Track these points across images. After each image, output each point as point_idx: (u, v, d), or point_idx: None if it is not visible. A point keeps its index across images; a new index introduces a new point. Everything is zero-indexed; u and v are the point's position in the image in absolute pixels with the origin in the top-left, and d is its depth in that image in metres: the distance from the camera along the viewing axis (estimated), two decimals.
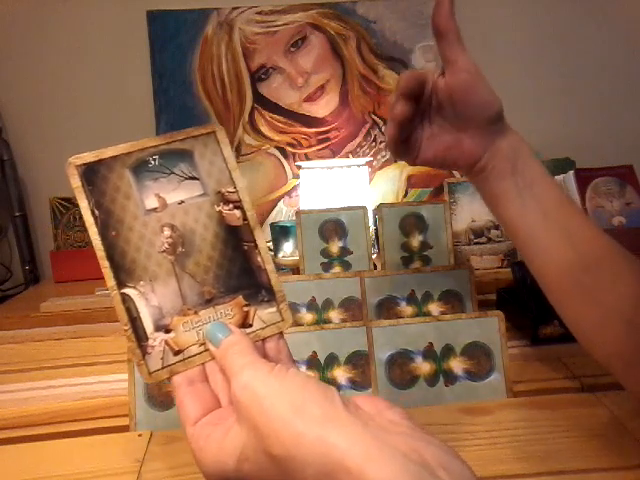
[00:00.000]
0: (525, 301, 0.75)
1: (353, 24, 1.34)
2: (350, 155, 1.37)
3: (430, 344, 0.61)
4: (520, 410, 0.58)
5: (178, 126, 1.33)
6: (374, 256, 0.95)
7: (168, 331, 0.35)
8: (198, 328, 0.35)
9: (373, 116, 1.37)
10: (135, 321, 0.34)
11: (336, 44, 1.35)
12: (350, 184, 1.11)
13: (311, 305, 0.76)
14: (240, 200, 0.37)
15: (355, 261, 0.84)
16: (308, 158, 1.36)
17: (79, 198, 0.35)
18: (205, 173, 0.37)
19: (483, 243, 0.98)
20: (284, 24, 1.33)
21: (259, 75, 1.34)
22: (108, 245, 0.35)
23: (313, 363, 0.61)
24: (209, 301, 0.36)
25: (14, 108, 1.35)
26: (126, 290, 0.35)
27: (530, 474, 0.47)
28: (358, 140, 1.37)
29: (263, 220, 1.34)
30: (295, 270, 0.95)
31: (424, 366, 0.61)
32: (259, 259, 0.37)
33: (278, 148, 1.36)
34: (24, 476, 0.51)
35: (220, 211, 0.37)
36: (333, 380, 0.61)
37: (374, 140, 1.37)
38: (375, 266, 0.90)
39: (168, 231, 0.36)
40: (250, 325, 0.36)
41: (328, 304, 0.76)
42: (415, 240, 0.83)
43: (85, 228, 0.35)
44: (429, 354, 0.61)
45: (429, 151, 0.54)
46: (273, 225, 1.02)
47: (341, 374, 0.61)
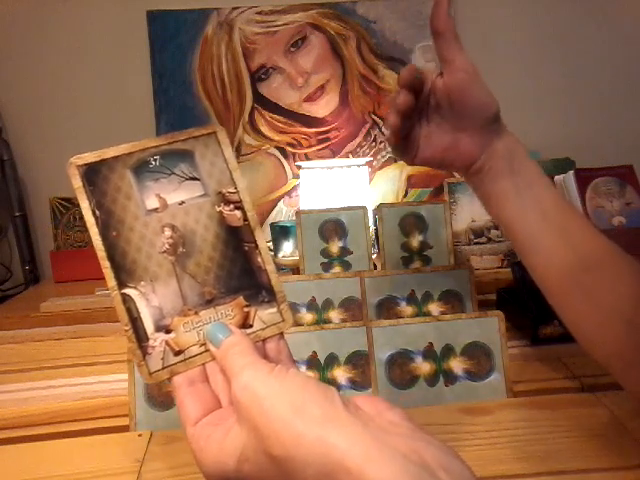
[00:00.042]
0: (525, 301, 0.75)
1: (353, 24, 1.34)
2: (350, 155, 1.37)
3: (430, 344, 0.61)
4: (520, 410, 0.58)
5: (178, 126, 1.34)
6: (374, 256, 0.95)
7: (169, 331, 0.35)
8: (199, 328, 0.35)
9: (373, 116, 1.37)
10: (136, 321, 0.35)
11: (336, 44, 1.35)
12: (350, 184, 1.11)
13: (311, 305, 0.76)
14: (241, 201, 0.37)
15: (355, 261, 0.84)
16: (308, 158, 1.36)
17: (80, 198, 0.35)
18: (206, 174, 0.37)
19: (483, 243, 0.99)
20: (284, 24, 1.33)
21: (259, 75, 1.34)
22: (109, 245, 0.35)
23: (313, 363, 0.61)
24: (210, 302, 0.36)
25: (14, 108, 1.35)
26: (127, 290, 0.35)
27: (530, 474, 0.48)
28: (358, 140, 1.37)
29: (263, 220, 1.34)
30: (295, 270, 0.95)
31: (424, 366, 0.61)
32: (259, 260, 0.37)
33: (278, 148, 1.36)
34: (24, 476, 0.51)
35: (221, 212, 0.37)
36: (333, 380, 0.61)
37: (374, 140, 1.37)
38: (375, 266, 0.90)
39: (169, 231, 0.36)
40: (250, 326, 0.36)
41: (328, 304, 0.76)
42: (415, 240, 0.83)
43: (86, 228, 0.35)
44: (429, 354, 0.61)
45: (427, 151, 0.55)
46: (273, 225, 1.02)
47: (341, 374, 0.61)
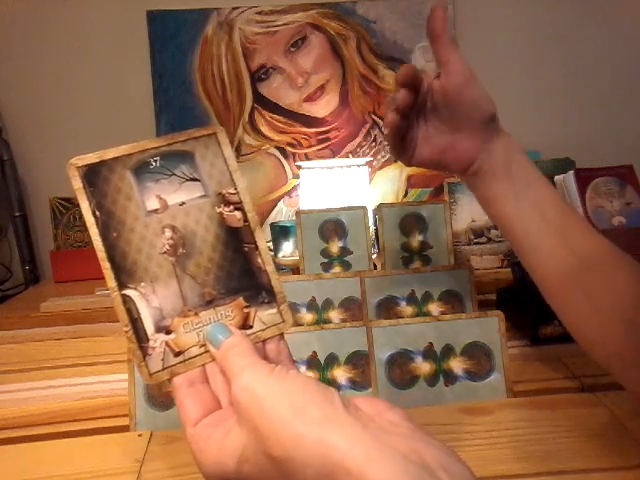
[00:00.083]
0: (525, 301, 0.75)
1: (353, 24, 1.34)
2: (350, 155, 1.37)
3: (430, 344, 0.61)
4: (520, 410, 0.58)
5: (178, 126, 1.34)
6: (374, 256, 0.95)
7: (169, 332, 0.35)
8: (199, 329, 0.35)
9: (373, 116, 1.37)
10: (136, 322, 0.35)
11: (336, 44, 1.34)
12: (350, 184, 1.11)
13: (311, 305, 0.76)
14: (241, 201, 0.37)
15: (355, 261, 0.84)
16: (308, 158, 1.36)
17: (80, 199, 0.35)
18: (206, 174, 0.37)
19: (483, 243, 0.99)
20: (284, 24, 1.33)
21: (259, 75, 1.34)
22: (109, 246, 0.35)
23: (313, 363, 0.61)
24: (210, 302, 0.36)
25: (14, 108, 1.35)
26: (127, 291, 0.35)
27: (530, 474, 0.48)
28: (358, 140, 1.37)
29: (263, 220, 1.34)
30: (295, 270, 0.95)
31: (424, 366, 0.61)
32: (259, 260, 0.37)
33: (278, 148, 1.36)
34: (24, 476, 0.51)
35: (221, 212, 0.37)
36: (333, 380, 0.61)
37: (374, 140, 1.37)
38: (375, 266, 0.90)
39: (169, 232, 0.36)
40: (250, 326, 0.36)
41: (328, 304, 0.76)
42: (415, 240, 0.83)
43: (86, 229, 0.35)
44: (429, 354, 0.61)
45: (424, 152, 0.55)
46: (273, 225, 1.02)
47: (341, 374, 0.61)
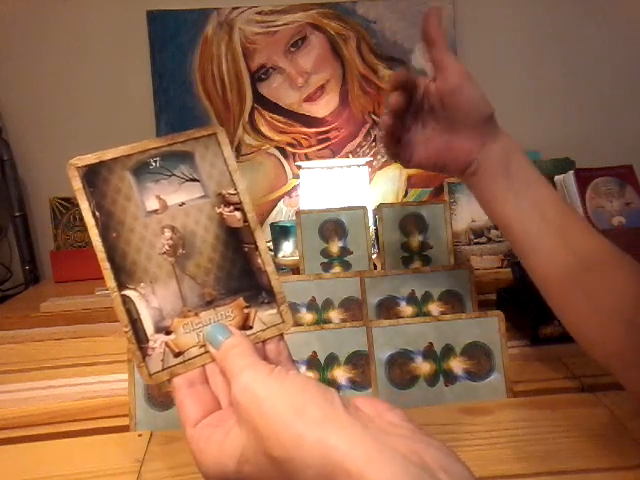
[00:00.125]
0: (525, 301, 0.75)
1: (353, 24, 1.34)
2: (350, 155, 1.37)
3: (430, 344, 0.61)
4: (520, 410, 0.58)
5: (178, 126, 1.34)
6: (374, 256, 0.95)
7: (168, 333, 0.35)
8: (198, 330, 0.35)
9: (373, 116, 1.37)
10: (135, 323, 0.35)
11: (336, 44, 1.34)
12: (350, 184, 1.11)
13: (311, 305, 0.76)
14: (241, 202, 0.37)
15: (355, 261, 0.84)
16: (308, 158, 1.36)
17: (80, 200, 0.35)
18: (206, 175, 0.37)
19: (483, 243, 0.99)
20: (284, 24, 1.33)
21: (259, 75, 1.34)
22: (109, 247, 0.35)
23: (313, 363, 0.61)
24: (209, 303, 0.36)
25: (14, 108, 1.35)
26: (126, 292, 0.35)
27: (530, 474, 0.48)
28: (358, 140, 1.37)
29: (263, 220, 1.34)
30: (295, 270, 0.95)
31: (424, 366, 0.61)
32: (259, 261, 0.37)
33: (278, 148, 1.36)
34: (24, 476, 0.51)
35: (221, 213, 0.37)
36: (333, 380, 0.61)
37: (374, 140, 1.37)
38: (375, 266, 0.90)
39: (169, 233, 0.36)
40: (250, 327, 0.36)
41: (328, 304, 0.76)
42: (415, 240, 0.83)
43: (86, 229, 0.35)
44: (429, 354, 0.61)
45: (422, 153, 0.56)
46: (273, 225, 1.02)
47: (341, 374, 0.61)
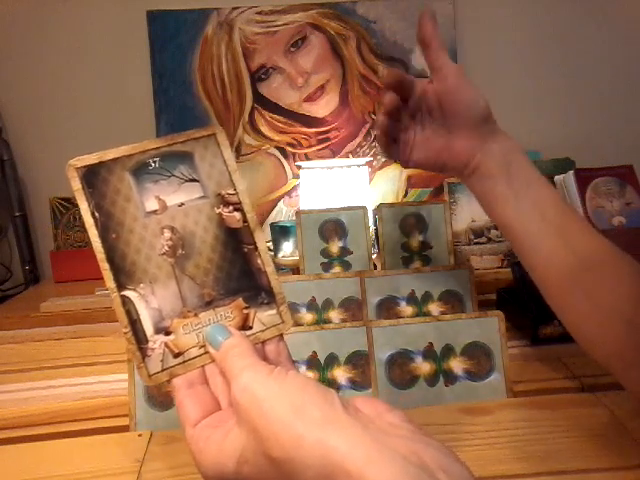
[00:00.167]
0: (525, 301, 0.75)
1: (353, 24, 1.34)
2: (350, 155, 1.37)
3: (430, 344, 0.61)
4: (520, 410, 0.58)
5: (178, 126, 1.34)
6: (374, 256, 0.95)
7: (168, 333, 0.35)
8: (198, 330, 0.35)
9: (373, 116, 1.36)
10: (135, 323, 0.35)
11: (336, 44, 1.34)
12: (350, 184, 1.11)
13: (311, 305, 0.76)
14: (240, 202, 0.37)
15: (355, 261, 0.84)
16: (308, 158, 1.36)
17: (79, 200, 0.35)
18: (205, 175, 0.37)
19: (483, 243, 0.98)
20: (284, 24, 1.33)
21: (259, 75, 1.34)
22: (108, 247, 0.35)
23: (313, 363, 0.61)
24: (209, 303, 0.36)
25: (14, 108, 1.34)
26: (126, 292, 0.35)
27: (530, 474, 0.47)
28: (358, 140, 1.37)
29: (263, 220, 1.34)
30: (295, 270, 0.95)
31: (424, 366, 0.61)
32: (259, 261, 0.37)
33: (278, 148, 1.36)
34: (24, 476, 0.51)
35: (220, 213, 0.37)
36: (333, 380, 0.61)
37: (374, 140, 1.37)
38: (375, 266, 0.90)
39: (168, 233, 0.36)
40: (250, 327, 0.36)
41: (328, 304, 0.76)
42: (415, 240, 0.83)
43: (85, 230, 0.35)
44: (429, 354, 0.61)
45: (421, 154, 0.57)
46: (273, 225, 1.02)
47: (341, 374, 0.61)
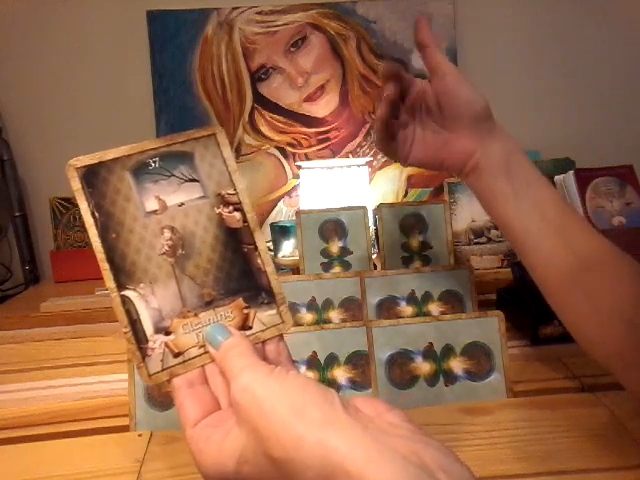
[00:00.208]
0: (525, 301, 0.75)
1: (353, 24, 1.34)
2: (350, 155, 1.37)
3: (430, 344, 0.61)
4: (520, 410, 0.58)
5: (178, 126, 1.34)
6: (374, 256, 0.95)
7: (168, 333, 0.35)
8: (198, 330, 0.35)
9: (373, 116, 1.36)
10: (135, 323, 0.35)
11: (336, 44, 1.34)
12: (350, 184, 1.11)
13: (311, 305, 0.76)
14: (240, 202, 0.37)
15: (355, 261, 0.84)
16: (308, 158, 1.36)
17: (79, 200, 0.35)
18: (205, 175, 0.37)
19: (483, 243, 0.98)
20: (284, 24, 1.33)
21: (259, 75, 1.34)
22: (108, 247, 0.35)
23: (313, 363, 0.61)
24: (209, 303, 0.36)
25: (14, 108, 1.35)
26: (126, 292, 0.35)
27: (530, 474, 0.47)
28: (358, 140, 1.37)
29: (263, 220, 1.34)
30: (295, 270, 0.95)
31: (424, 366, 0.61)
32: (259, 261, 0.37)
33: (278, 148, 1.36)
34: (24, 476, 0.51)
35: (220, 213, 0.37)
36: (333, 380, 0.61)
37: (374, 140, 1.37)
38: (375, 266, 0.90)
39: (168, 233, 0.36)
40: (250, 327, 0.36)
41: (328, 304, 0.76)
42: (415, 240, 0.83)
43: (85, 230, 0.35)
44: (429, 354, 0.61)
45: (419, 152, 0.58)
46: (273, 225, 1.02)
47: (341, 374, 0.61)
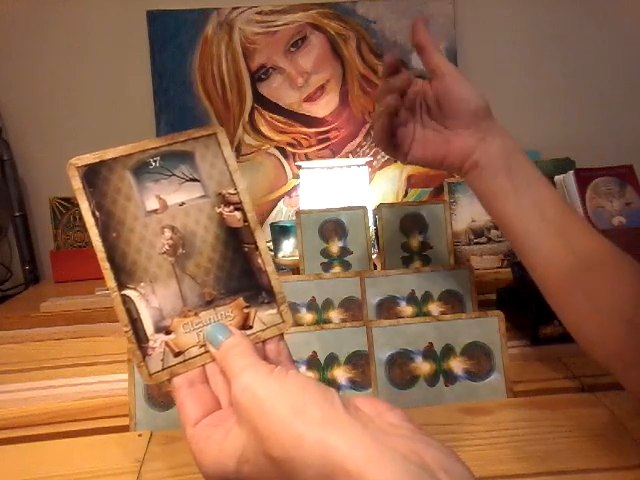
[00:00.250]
0: (525, 301, 0.75)
1: (353, 24, 1.34)
2: (350, 155, 1.37)
3: (430, 344, 0.61)
4: (520, 410, 0.58)
5: (178, 126, 1.34)
6: (374, 256, 0.95)
7: (168, 332, 0.35)
8: (198, 330, 0.35)
9: (373, 114, 1.37)
10: (135, 322, 0.35)
11: (336, 44, 1.34)
12: (350, 184, 1.11)
13: (311, 305, 0.76)
14: (241, 202, 0.37)
15: (355, 261, 0.84)
16: (308, 158, 1.36)
17: (80, 200, 0.35)
18: (206, 175, 0.37)
19: (483, 243, 0.98)
20: (284, 24, 1.33)
21: (259, 75, 1.34)
22: (109, 246, 0.35)
23: (313, 363, 0.61)
24: (209, 303, 0.36)
25: (14, 108, 1.35)
26: (127, 291, 0.35)
27: (530, 474, 0.47)
28: (358, 140, 1.37)
29: (263, 220, 1.34)
30: (295, 270, 0.95)
31: (424, 366, 0.61)
32: (259, 261, 0.37)
33: (278, 148, 1.36)
34: (24, 476, 0.51)
35: (221, 213, 0.37)
36: (333, 380, 0.61)
37: (373, 138, 1.37)
38: (375, 266, 0.90)
39: (169, 233, 0.36)
40: (250, 327, 0.36)
41: (328, 304, 0.76)
42: (415, 240, 0.83)
43: (86, 229, 0.35)
44: (429, 354, 0.61)
45: (419, 150, 0.58)
46: (273, 225, 1.02)
47: (341, 374, 0.61)
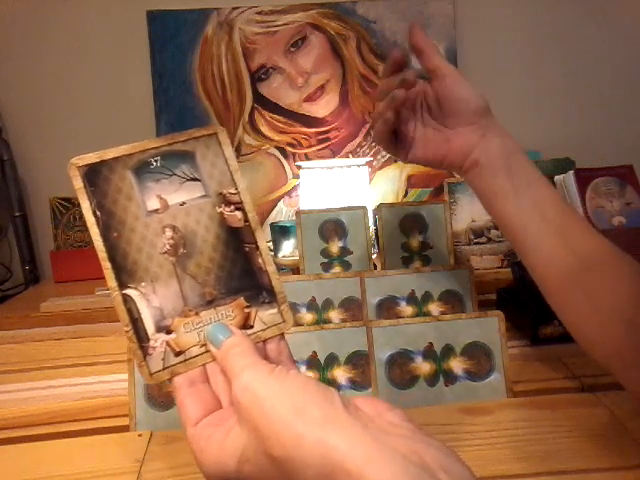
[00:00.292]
0: (525, 301, 0.75)
1: (353, 24, 1.34)
2: (350, 155, 1.37)
3: (430, 344, 0.61)
4: (520, 410, 0.58)
5: (178, 126, 1.34)
6: (374, 256, 0.95)
7: (169, 332, 0.35)
8: (199, 329, 0.35)
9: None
10: (136, 322, 0.35)
11: (336, 44, 1.34)
12: (350, 184, 1.11)
13: (311, 305, 0.76)
14: (241, 201, 0.38)
15: (355, 261, 0.84)
16: (308, 158, 1.36)
17: (81, 199, 0.35)
18: (207, 174, 0.37)
19: (483, 243, 0.98)
20: (284, 24, 1.33)
21: (259, 75, 1.34)
22: (110, 246, 0.35)
23: (313, 363, 0.61)
24: (210, 302, 0.36)
25: (14, 108, 1.35)
26: (127, 291, 0.35)
27: (530, 474, 0.48)
28: (358, 140, 1.37)
29: (263, 220, 1.34)
30: (295, 270, 0.95)
31: (424, 366, 0.61)
32: (260, 260, 0.37)
33: (278, 148, 1.36)
34: (24, 476, 0.51)
35: (221, 212, 0.37)
36: (333, 380, 0.61)
37: (374, 140, 1.37)
38: (375, 266, 0.90)
39: (170, 232, 0.36)
40: (251, 326, 0.36)
41: (328, 304, 0.76)
42: (415, 240, 0.83)
43: (87, 229, 0.35)
44: (429, 354, 0.61)
45: (420, 149, 0.58)
46: (273, 225, 1.02)
47: (341, 374, 0.61)
